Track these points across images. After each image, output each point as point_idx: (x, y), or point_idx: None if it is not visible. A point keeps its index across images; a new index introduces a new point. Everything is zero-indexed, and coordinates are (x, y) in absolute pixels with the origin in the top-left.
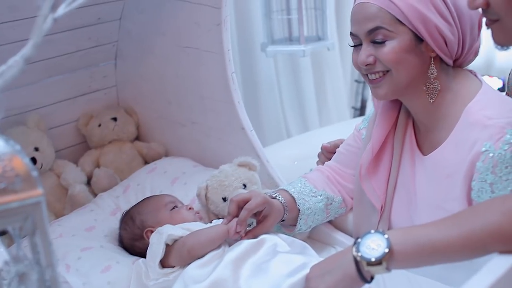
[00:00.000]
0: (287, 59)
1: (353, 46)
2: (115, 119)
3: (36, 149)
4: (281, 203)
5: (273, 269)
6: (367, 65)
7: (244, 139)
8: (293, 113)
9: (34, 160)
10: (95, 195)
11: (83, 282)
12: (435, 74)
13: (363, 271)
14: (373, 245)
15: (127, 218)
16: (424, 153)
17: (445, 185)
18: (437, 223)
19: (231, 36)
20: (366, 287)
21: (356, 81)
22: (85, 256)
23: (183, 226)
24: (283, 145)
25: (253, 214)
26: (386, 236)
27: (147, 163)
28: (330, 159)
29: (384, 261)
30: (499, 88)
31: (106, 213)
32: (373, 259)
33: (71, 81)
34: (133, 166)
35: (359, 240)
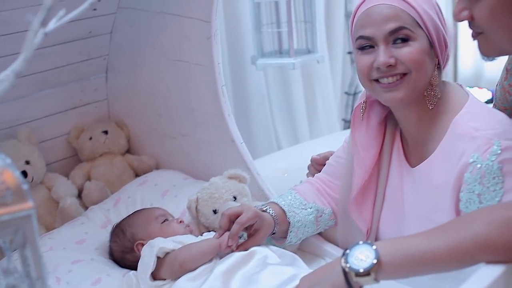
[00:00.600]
0: (277, 72)
1: (361, 49)
2: (106, 132)
3: (27, 163)
4: (272, 216)
5: (263, 281)
6: (388, 66)
7: (234, 152)
8: (284, 125)
9: (25, 173)
10: (86, 208)
11: None
12: (437, 81)
13: (351, 282)
14: (362, 256)
15: (118, 231)
16: (412, 165)
17: (434, 197)
18: (425, 233)
19: (222, 49)
20: None
21: (346, 93)
22: (75, 268)
23: (175, 239)
24: (274, 157)
25: (244, 227)
26: (374, 247)
27: (138, 176)
28: (320, 171)
29: (372, 272)
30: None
31: (96, 226)
32: (361, 270)
33: (62, 94)
34: (124, 179)
35: (348, 251)
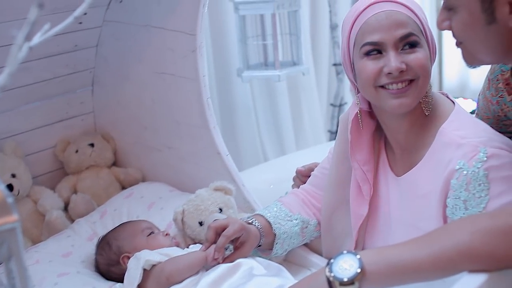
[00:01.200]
0: (263, 84)
1: (367, 55)
2: (92, 145)
3: (13, 176)
4: (258, 229)
5: None
6: (400, 72)
7: (220, 164)
8: (270, 136)
9: (11, 186)
10: (72, 221)
11: None
12: (430, 88)
13: None
14: (346, 265)
15: (104, 243)
16: (397, 174)
17: (421, 205)
18: (408, 243)
19: (208, 61)
20: None
21: (331, 104)
22: (61, 281)
23: (161, 251)
24: (260, 169)
25: (230, 240)
26: (358, 256)
27: (124, 188)
28: (305, 183)
29: (356, 281)
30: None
31: (83, 238)
32: (345, 279)
33: (48, 107)
34: (110, 191)
35: (332, 260)
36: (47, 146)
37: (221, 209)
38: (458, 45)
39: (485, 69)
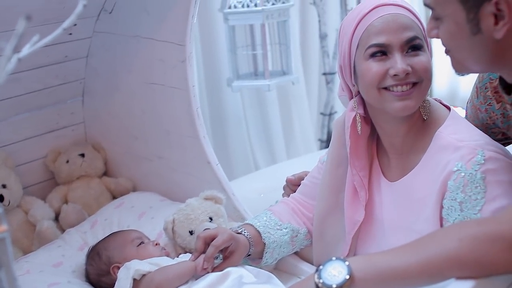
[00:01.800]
0: (253, 93)
1: (372, 57)
2: (82, 155)
3: (3, 186)
4: (247, 238)
5: None
6: (405, 74)
7: (210, 173)
8: (261, 146)
9: (1, 197)
10: (63, 231)
11: None
12: (429, 93)
13: None
14: (335, 272)
15: (94, 253)
16: (391, 180)
17: (417, 207)
18: (397, 250)
19: (198, 71)
20: None
21: (321, 113)
22: None
23: (151, 261)
24: (251, 178)
25: (219, 250)
26: (347, 263)
27: (115, 198)
28: (295, 191)
29: (345, 287)
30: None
31: (73, 248)
32: (334, 286)
33: (39, 118)
34: (101, 201)
35: (321, 267)
36: (37, 156)
37: (211, 218)
38: (446, 53)
39: (474, 77)
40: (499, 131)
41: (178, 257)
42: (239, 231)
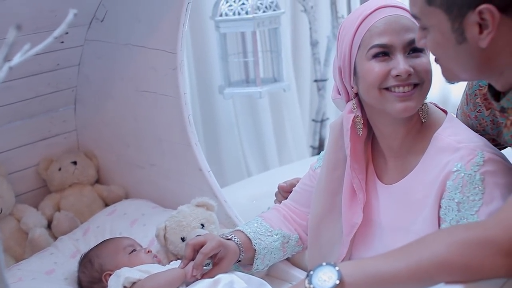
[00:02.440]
0: (245, 100)
1: (374, 57)
2: (75, 162)
3: None
4: (237, 244)
5: None
6: (408, 75)
7: (202, 180)
8: (253, 152)
9: None
10: (56, 239)
11: None
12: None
13: None
14: (325, 277)
15: (86, 261)
16: (387, 183)
17: (415, 209)
18: (387, 255)
19: (190, 79)
20: None
21: (313, 120)
22: None
23: (141, 268)
24: (243, 185)
25: (208, 256)
26: (337, 268)
27: (107, 205)
28: (287, 198)
29: None
30: None
31: (66, 256)
32: None
33: (31, 126)
34: (93, 209)
35: (312, 272)
36: (30, 164)
37: (203, 225)
38: (436, 61)
39: (465, 83)
40: (489, 137)
41: (169, 264)
42: (230, 237)
